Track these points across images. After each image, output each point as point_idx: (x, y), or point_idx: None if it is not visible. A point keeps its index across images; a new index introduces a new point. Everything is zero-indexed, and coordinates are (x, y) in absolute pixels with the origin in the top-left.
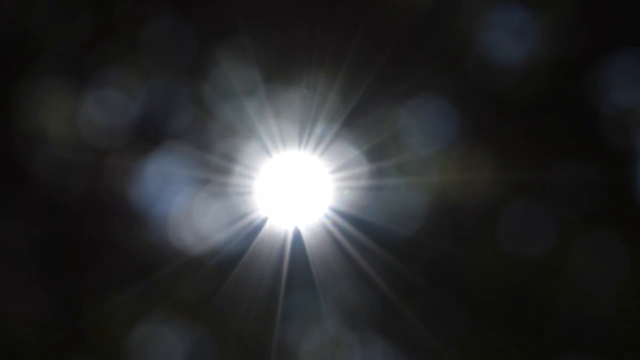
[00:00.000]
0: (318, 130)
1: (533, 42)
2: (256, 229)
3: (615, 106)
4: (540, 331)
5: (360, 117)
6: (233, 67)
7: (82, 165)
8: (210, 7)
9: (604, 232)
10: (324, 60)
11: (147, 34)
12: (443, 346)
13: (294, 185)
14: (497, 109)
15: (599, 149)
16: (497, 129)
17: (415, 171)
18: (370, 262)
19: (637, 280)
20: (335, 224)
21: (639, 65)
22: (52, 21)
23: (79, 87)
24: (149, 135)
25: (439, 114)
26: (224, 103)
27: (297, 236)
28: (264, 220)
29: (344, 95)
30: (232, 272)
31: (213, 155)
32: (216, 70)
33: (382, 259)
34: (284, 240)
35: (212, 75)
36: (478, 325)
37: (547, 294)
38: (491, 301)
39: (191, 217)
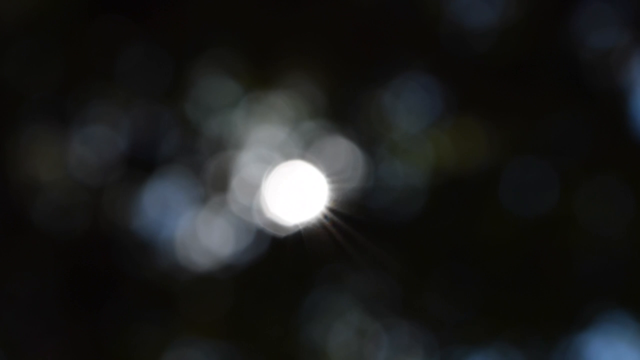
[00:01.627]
0: (312, 131)
1: (502, 1)
2: (259, 234)
3: (594, 49)
4: (561, 284)
5: (350, 111)
6: (214, 81)
7: (81, 206)
8: (180, 26)
9: (605, 175)
10: (304, 59)
11: (122, 64)
12: (466, 318)
13: (292, 188)
14: (480, 74)
15: (586, 95)
16: (482, 93)
17: (411, 152)
18: (371, 259)
19: None
20: (334, 224)
21: (609, 4)
22: (26, 69)
23: (64, 129)
24: (142, 163)
25: (424, 90)
26: (213, 117)
27: (298, 238)
28: (265, 225)
29: (331, 90)
30: (240, 279)
31: (209, 169)
32: (198, 86)
33: (382, 255)
34: (285, 242)
35: (195, 92)
36: (497, 291)
37: (561, 247)
38: (507, 264)
39: (196, 234)
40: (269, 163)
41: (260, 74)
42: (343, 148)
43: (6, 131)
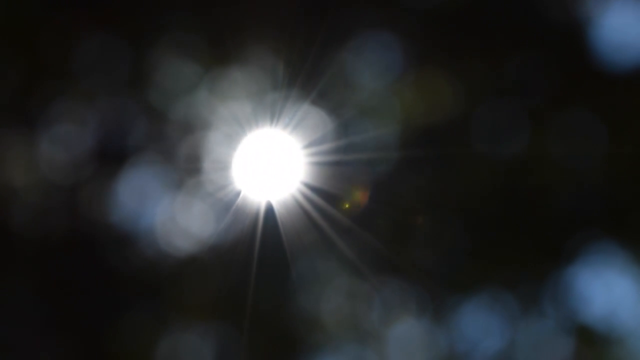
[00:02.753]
0: (278, 103)
1: None
2: (237, 211)
3: None
4: (543, 222)
5: (313, 78)
6: (174, 64)
7: (58, 206)
8: (132, 14)
9: (574, 109)
10: (260, 31)
11: (79, 60)
12: (453, 267)
13: (265, 163)
14: (436, 23)
15: (545, 31)
16: (441, 42)
17: (379, 110)
18: (351, 222)
19: (619, 144)
20: (307, 198)
21: None
22: None
23: (30, 131)
24: (113, 156)
25: (383, 47)
26: (177, 100)
27: (271, 212)
28: (241, 202)
29: (292, 59)
30: (225, 257)
31: (180, 153)
32: (158, 72)
33: (362, 216)
34: (259, 217)
35: (156, 78)
36: (481, 236)
37: (539, 185)
38: (487, 208)
39: (176, 219)
40: (239, 139)
41: (219, 51)
42: (311, 115)
43: None
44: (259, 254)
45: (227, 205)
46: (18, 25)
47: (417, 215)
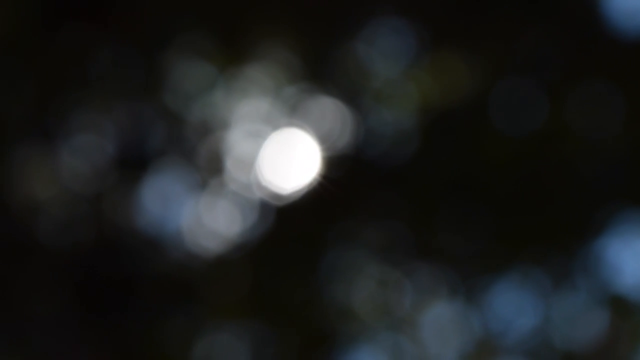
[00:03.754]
0: (294, 96)
1: None
2: (263, 208)
3: None
4: (568, 195)
5: (327, 68)
6: (188, 67)
7: (83, 216)
8: (142, 19)
9: (590, 79)
10: (272, 27)
11: (94, 69)
12: (482, 248)
13: (286, 156)
14: (448, 5)
15: (555, 4)
16: (453, 24)
17: (396, 96)
18: (376, 209)
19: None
20: (334, 183)
21: None
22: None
23: (51, 144)
24: (134, 162)
25: (395, 33)
26: (194, 102)
27: (302, 204)
28: (267, 197)
29: (305, 52)
30: (253, 255)
31: (201, 154)
32: (173, 76)
33: (387, 203)
34: (290, 210)
35: (171, 82)
36: (507, 214)
37: (561, 159)
38: (511, 186)
39: (201, 220)
40: (258, 136)
41: (232, 50)
42: (328, 106)
43: None
44: (286, 248)
45: (251, 202)
46: (32, 38)
47: (441, 197)
